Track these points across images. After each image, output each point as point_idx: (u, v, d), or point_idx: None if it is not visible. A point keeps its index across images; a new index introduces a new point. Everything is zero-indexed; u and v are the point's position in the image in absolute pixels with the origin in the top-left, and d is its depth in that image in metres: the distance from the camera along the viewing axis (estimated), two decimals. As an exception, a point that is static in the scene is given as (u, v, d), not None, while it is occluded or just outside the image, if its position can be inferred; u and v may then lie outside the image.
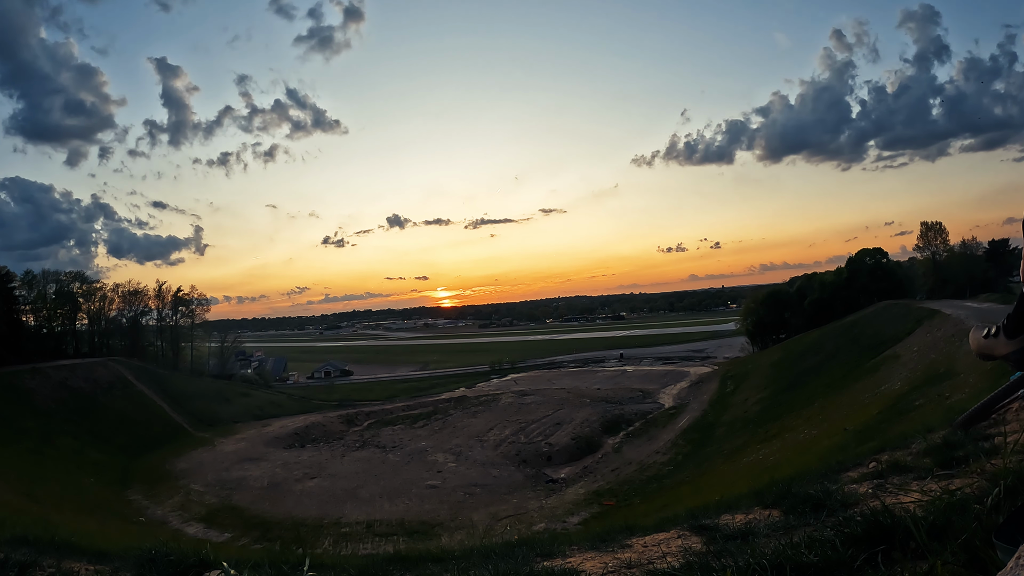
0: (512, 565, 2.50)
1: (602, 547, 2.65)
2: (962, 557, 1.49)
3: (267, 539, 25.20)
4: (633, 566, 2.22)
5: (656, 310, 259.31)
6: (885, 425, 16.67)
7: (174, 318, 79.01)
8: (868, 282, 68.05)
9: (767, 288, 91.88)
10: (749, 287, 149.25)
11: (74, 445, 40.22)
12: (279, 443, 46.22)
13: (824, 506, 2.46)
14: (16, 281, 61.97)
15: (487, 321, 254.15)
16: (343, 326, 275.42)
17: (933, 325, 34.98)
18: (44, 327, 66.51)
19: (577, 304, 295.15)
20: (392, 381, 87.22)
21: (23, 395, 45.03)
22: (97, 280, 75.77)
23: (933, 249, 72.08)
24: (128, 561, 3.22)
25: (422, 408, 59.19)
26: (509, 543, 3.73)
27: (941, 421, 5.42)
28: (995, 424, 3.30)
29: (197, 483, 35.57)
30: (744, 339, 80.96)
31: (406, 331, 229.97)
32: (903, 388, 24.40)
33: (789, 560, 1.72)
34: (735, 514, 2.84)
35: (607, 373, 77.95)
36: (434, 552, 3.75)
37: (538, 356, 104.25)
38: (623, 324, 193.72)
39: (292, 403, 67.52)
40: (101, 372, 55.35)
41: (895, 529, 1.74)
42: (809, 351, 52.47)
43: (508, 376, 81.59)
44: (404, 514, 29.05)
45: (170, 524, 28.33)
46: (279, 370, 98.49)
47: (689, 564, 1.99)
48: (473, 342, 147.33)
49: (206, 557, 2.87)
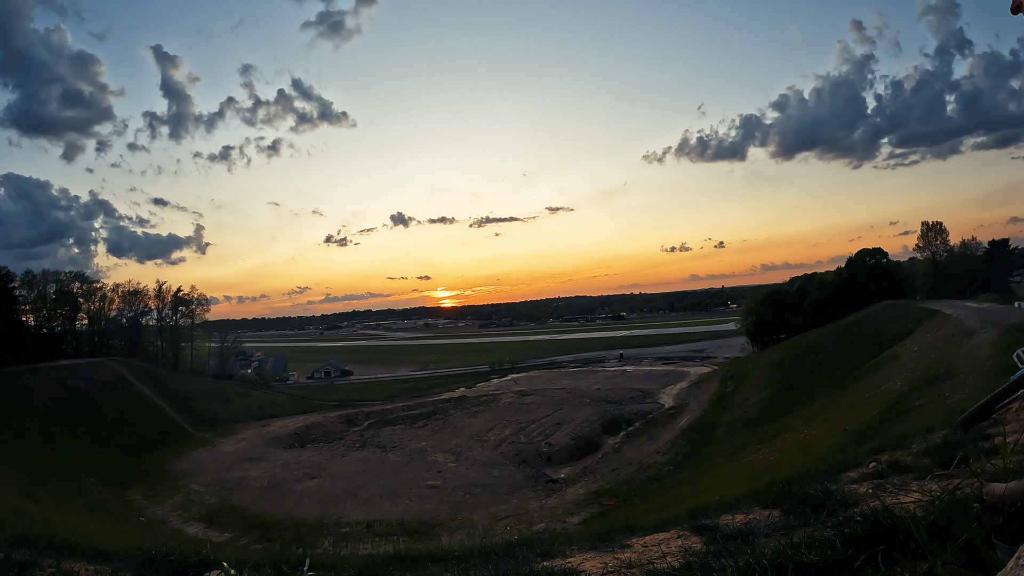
0: (512, 565, 2.50)
1: (602, 547, 2.64)
2: (962, 557, 1.49)
3: (267, 539, 25.19)
4: (633, 566, 2.21)
5: (656, 310, 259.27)
6: (885, 425, 16.66)
7: (174, 318, 79.06)
8: (868, 282, 68.06)
9: (767, 288, 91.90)
10: (749, 287, 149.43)
11: (74, 445, 40.22)
12: (279, 443, 46.21)
13: (824, 506, 2.46)
14: (16, 281, 61.98)
15: (487, 321, 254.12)
16: (343, 326, 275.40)
17: (933, 325, 34.98)
18: (44, 327, 66.52)
19: (577, 304, 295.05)
20: (392, 381, 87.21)
21: (23, 395, 45.03)
22: (97, 280, 76.00)
23: (933, 249, 72.14)
24: (128, 561, 3.22)
25: (422, 408, 59.18)
26: (509, 543, 3.73)
27: (941, 421, 5.42)
28: (995, 424, 3.30)
29: (197, 483, 35.57)
30: (744, 339, 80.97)
31: (406, 331, 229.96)
32: (903, 388, 24.38)
33: (789, 560, 1.72)
34: (735, 514, 2.84)
35: (607, 373, 77.93)
36: (434, 552, 3.75)
37: (538, 356, 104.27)
38: (623, 324, 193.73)
39: (292, 403, 67.51)
40: (101, 372, 55.35)
41: (895, 529, 1.74)
42: (809, 351, 52.46)
43: (508, 376, 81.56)
44: (404, 514, 29.05)
45: (170, 524, 28.33)
46: (279, 370, 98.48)
47: (689, 564, 1.99)
48: (473, 342, 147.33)
49: (206, 557, 2.87)
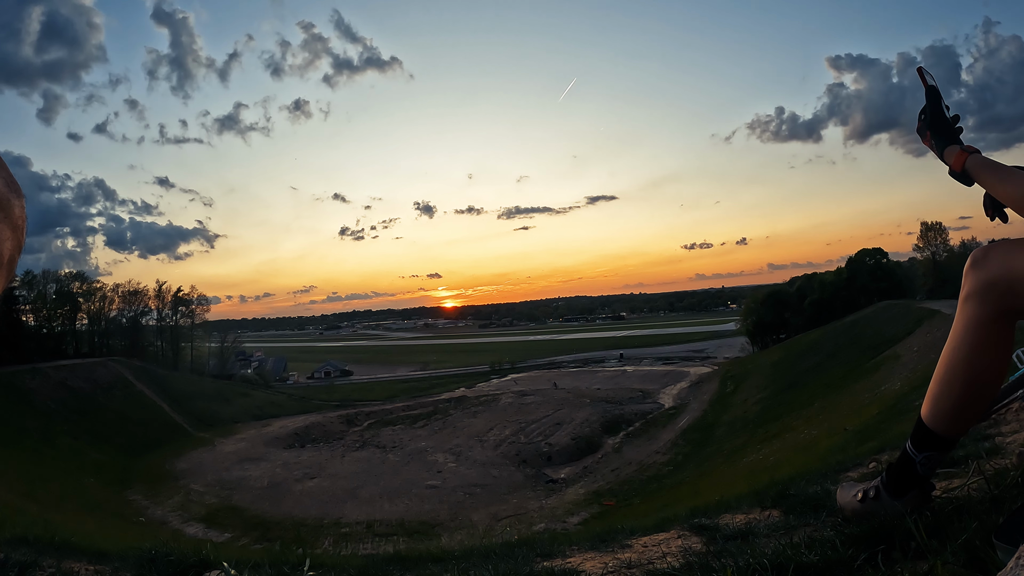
0: (512, 565, 2.50)
1: (602, 547, 2.64)
2: (962, 557, 1.49)
3: (267, 539, 25.18)
4: (633, 566, 2.21)
5: (656, 310, 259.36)
6: (885, 425, 16.66)
7: (174, 318, 79.09)
8: (868, 282, 68.13)
9: (768, 288, 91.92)
10: (750, 287, 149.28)
11: (74, 445, 40.22)
12: (279, 443, 46.21)
13: (824, 506, 2.46)
14: (16, 281, 61.97)
15: (487, 321, 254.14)
16: (343, 326, 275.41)
17: (933, 325, 34.98)
18: (44, 327, 66.54)
19: (577, 304, 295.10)
20: (392, 381, 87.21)
21: (23, 395, 45.02)
22: (96, 280, 76.08)
23: (933, 249, 72.14)
24: (128, 561, 3.21)
25: (422, 408, 59.17)
26: (509, 543, 3.73)
27: (941, 421, 5.40)
28: (995, 424, 3.30)
29: (197, 483, 35.57)
30: (744, 339, 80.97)
31: (406, 331, 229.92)
32: (903, 388, 24.38)
33: (789, 560, 1.71)
34: (735, 514, 2.84)
35: (607, 373, 77.95)
36: (434, 552, 3.75)
37: (538, 356, 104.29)
38: (623, 324, 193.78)
39: (292, 403, 67.48)
40: (101, 372, 55.34)
41: (895, 529, 1.74)
42: (809, 351, 52.48)
43: (508, 376, 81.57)
44: (404, 514, 29.05)
45: (170, 524, 28.32)
46: (279, 370, 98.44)
47: (689, 564, 1.99)
48: (473, 342, 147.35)
49: (206, 557, 2.87)
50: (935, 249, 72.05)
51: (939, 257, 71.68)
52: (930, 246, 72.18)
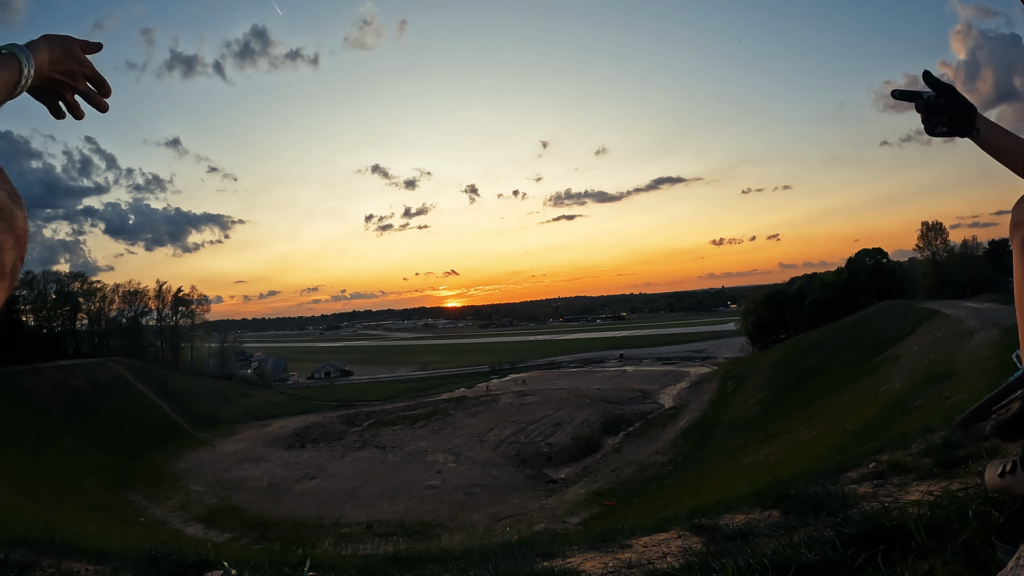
0: (512, 565, 2.50)
1: (602, 547, 2.65)
2: (962, 557, 1.49)
3: (267, 539, 25.19)
4: (633, 566, 2.22)
5: (656, 310, 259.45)
6: (885, 425, 16.66)
7: (174, 318, 79.09)
8: (868, 282, 68.10)
9: (767, 288, 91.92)
10: (750, 287, 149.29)
11: (74, 445, 40.21)
12: (279, 443, 46.19)
13: (824, 506, 2.46)
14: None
15: (487, 321, 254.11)
16: (343, 326, 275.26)
17: (933, 325, 35.00)
18: (44, 327, 66.51)
19: (577, 304, 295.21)
20: (392, 381, 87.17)
21: (23, 395, 45.01)
22: (97, 280, 76.14)
23: (933, 249, 72.09)
24: (128, 561, 3.22)
25: (422, 408, 59.15)
26: (509, 543, 3.73)
27: (941, 421, 5.42)
28: (995, 424, 3.30)
29: (197, 483, 35.55)
30: (744, 339, 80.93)
31: (406, 331, 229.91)
32: (903, 388, 24.39)
33: (789, 560, 1.72)
34: (735, 514, 2.84)
35: (607, 373, 77.93)
36: (434, 552, 3.76)
37: (538, 356, 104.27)
38: (623, 324, 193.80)
39: (292, 403, 67.44)
40: (101, 372, 55.32)
41: (895, 529, 1.74)
42: (809, 351, 52.46)
43: (508, 376, 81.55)
44: (404, 514, 29.04)
45: (170, 524, 28.31)
46: (279, 370, 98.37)
47: (689, 564, 1.99)
48: (473, 342, 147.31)
49: (207, 557, 2.87)
50: (935, 249, 72.03)
51: (939, 257, 71.64)
52: (930, 246, 72.16)
